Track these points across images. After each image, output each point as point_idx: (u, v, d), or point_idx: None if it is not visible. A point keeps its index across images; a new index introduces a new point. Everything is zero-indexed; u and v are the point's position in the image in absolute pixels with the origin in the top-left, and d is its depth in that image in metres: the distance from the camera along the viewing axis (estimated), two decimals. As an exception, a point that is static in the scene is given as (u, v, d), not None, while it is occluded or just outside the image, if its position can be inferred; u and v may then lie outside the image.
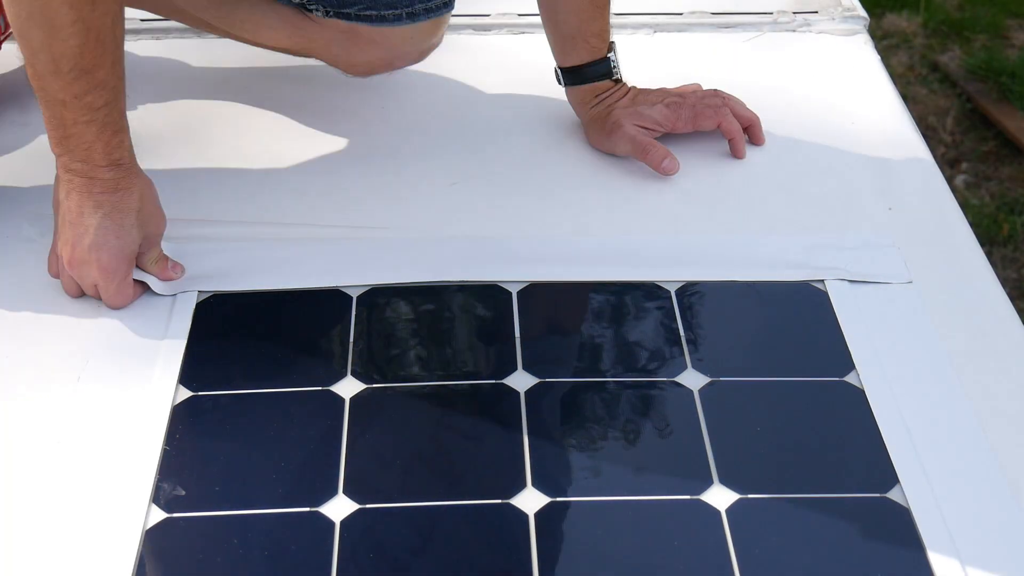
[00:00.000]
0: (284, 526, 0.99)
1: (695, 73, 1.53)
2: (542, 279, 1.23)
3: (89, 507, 1.00)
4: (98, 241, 1.17)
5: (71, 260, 1.18)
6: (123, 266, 1.18)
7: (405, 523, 0.99)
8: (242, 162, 1.38)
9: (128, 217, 1.18)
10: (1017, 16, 3.31)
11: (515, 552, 0.97)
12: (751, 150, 1.43)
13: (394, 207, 1.35)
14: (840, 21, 1.66)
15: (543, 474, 1.03)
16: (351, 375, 1.12)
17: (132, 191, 1.18)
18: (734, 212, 1.34)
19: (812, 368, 1.14)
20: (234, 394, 1.11)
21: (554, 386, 1.11)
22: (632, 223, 1.33)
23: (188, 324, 1.17)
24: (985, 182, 2.81)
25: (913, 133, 1.47)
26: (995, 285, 1.24)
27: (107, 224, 1.17)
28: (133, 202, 1.18)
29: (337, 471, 1.03)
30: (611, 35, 1.43)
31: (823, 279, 1.22)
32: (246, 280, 1.22)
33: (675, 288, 1.22)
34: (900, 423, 1.07)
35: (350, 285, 1.22)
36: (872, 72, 1.58)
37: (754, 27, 1.65)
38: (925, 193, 1.38)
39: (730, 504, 1.00)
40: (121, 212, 1.17)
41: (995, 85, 3.02)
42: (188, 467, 1.04)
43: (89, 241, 1.17)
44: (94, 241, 1.17)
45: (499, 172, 1.41)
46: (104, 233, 1.17)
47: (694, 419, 1.08)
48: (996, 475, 1.02)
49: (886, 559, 0.96)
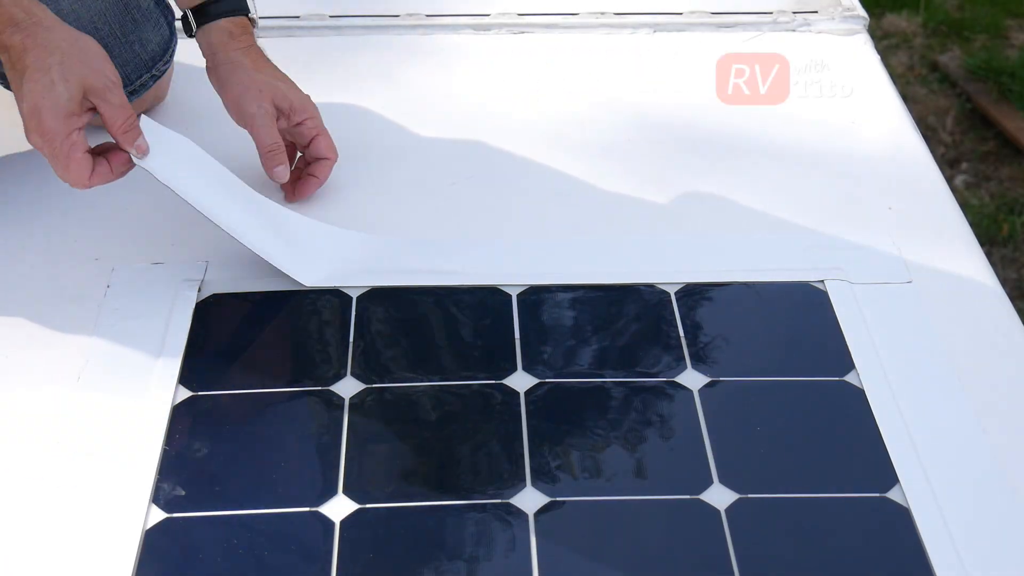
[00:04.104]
0: (284, 526, 0.99)
1: (695, 73, 1.53)
2: (542, 280, 1.23)
3: (89, 507, 1.00)
4: (30, 106, 1.13)
5: (27, 139, 1.14)
6: (59, 125, 1.13)
7: (405, 523, 0.99)
8: (241, 162, 1.38)
9: (47, 74, 1.13)
10: (1017, 16, 3.31)
11: (515, 552, 0.97)
12: (751, 151, 1.43)
13: (394, 207, 1.35)
14: (840, 21, 1.66)
15: (543, 474, 1.03)
16: (351, 375, 1.12)
17: (46, 47, 1.14)
18: (734, 212, 1.34)
19: (812, 368, 1.14)
20: (234, 394, 1.11)
21: (554, 386, 1.11)
22: (632, 223, 1.33)
23: (188, 324, 1.17)
24: (985, 182, 2.81)
25: (913, 133, 1.47)
26: (995, 285, 1.24)
27: (31, 87, 1.13)
28: (50, 58, 1.13)
29: (337, 471, 1.03)
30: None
31: (823, 279, 1.22)
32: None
33: (675, 288, 1.22)
34: (900, 423, 1.07)
35: (350, 286, 1.22)
36: (872, 72, 1.58)
37: (754, 27, 1.65)
38: (925, 193, 1.38)
39: (730, 504, 1.00)
40: (39, 71, 1.13)
41: (995, 85, 3.02)
42: (188, 467, 1.04)
43: (25, 109, 1.14)
44: (28, 108, 1.13)
45: (499, 172, 1.41)
46: (31, 96, 1.13)
47: (694, 419, 1.08)
48: (996, 475, 1.02)
49: (886, 559, 0.97)
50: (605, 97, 1.53)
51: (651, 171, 1.39)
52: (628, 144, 1.46)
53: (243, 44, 1.33)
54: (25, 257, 1.27)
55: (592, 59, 1.60)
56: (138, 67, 1.41)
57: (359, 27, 1.65)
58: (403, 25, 1.65)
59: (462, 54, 1.61)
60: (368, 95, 1.52)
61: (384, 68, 1.59)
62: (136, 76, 1.41)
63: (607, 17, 1.65)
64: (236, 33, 1.32)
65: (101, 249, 1.27)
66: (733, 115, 1.50)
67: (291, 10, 1.66)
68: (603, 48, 1.62)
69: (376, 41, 1.63)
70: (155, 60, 1.42)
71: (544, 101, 1.52)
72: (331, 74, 1.50)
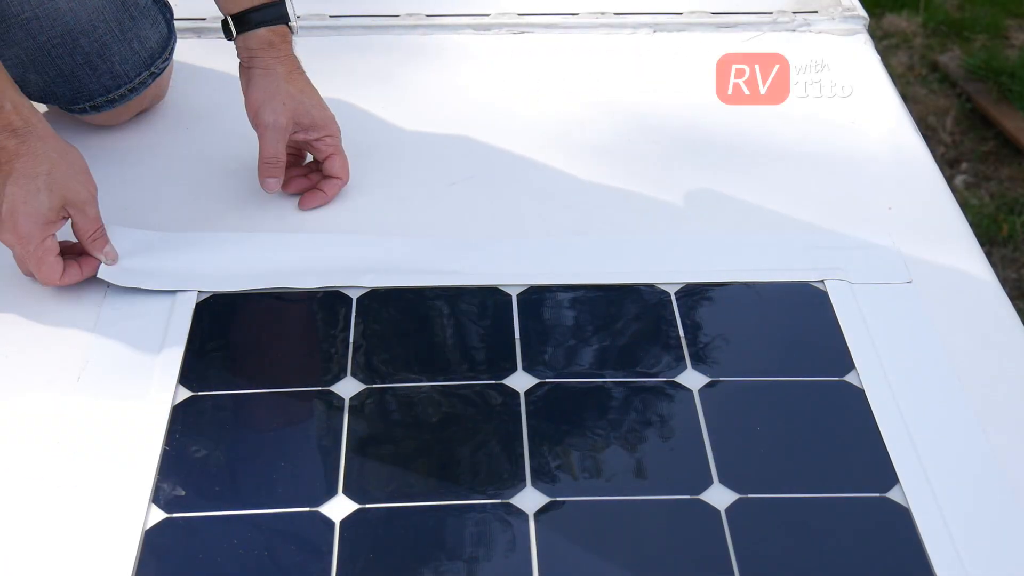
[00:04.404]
0: (284, 526, 0.99)
1: (695, 73, 1.53)
2: (542, 280, 1.23)
3: (89, 507, 1.00)
4: (9, 207, 1.16)
5: (0, 237, 1.18)
6: (36, 231, 1.17)
7: (405, 523, 0.99)
8: (240, 163, 1.38)
9: (34, 182, 1.17)
10: (1017, 16, 3.31)
11: (515, 552, 0.97)
12: (751, 151, 1.43)
13: (394, 207, 1.35)
14: (840, 21, 1.66)
15: (543, 474, 1.03)
16: (351, 375, 1.12)
17: (37, 156, 1.17)
18: (734, 212, 1.34)
19: (812, 368, 1.14)
20: (234, 394, 1.11)
21: (554, 386, 1.11)
22: (632, 223, 1.33)
23: (188, 324, 1.17)
24: (985, 182, 2.81)
25: (913, 133, 1.47)
26: (995, 285, 1.24)
27: (14, 191, 1.16)
28: (39, 167, 1.17)
29: (337, 471, 1.03)
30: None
31: (823, 279, 1.22)
32: (245, 280, 1.22)
33: (675, 288, 1.22)
34: (900, 423, 1.07)
35: (350, 286, 1.22)
36: (872, 72, 1.58)
37: (754, 27, 1.65)
38: (925, 193, 1.38)
39: (730, 504, 1.00)
40: (27, 177, 1.17)
41: (995, 85, 3.02)
42: (188, 467, 1.04)
43: (4, 210, 1.17)
44: (7, 209, 1.16)
45: (499, 172, 1.41)
46: (12, 200, 1.16)
47: (694, 419, 1.08)
48: (996, 475, 1.02)
49: (886, 559, 0.97)
50: (605, 97, 1.53)
51: (651, 171, 1.38)
52: (628, 144, 1.46)
53: (282, 53, 1.35)
54: (25, 257, 1.26)
55: (592, 59, 1.60)
56: (137, 64, 1.41)
57: (359, 27, 1.65)
58: (403, 25, 1.65)
59: (462, 54, 1.61)
60: (368, 95, 1.52)
61: (384, 68, 1.59)
62: (135, 73, 1.41)
63: (607, 17, 1.65)
64: (276, 42, 1.34)
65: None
66: (733, 115, 1.50)
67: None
68: (603, 48, 1.62)
69: (376, 41, 1.63)
70: (154, 57, 1.42)
71: (544, 101, 1.52)
72: (331, 74, 1.50)
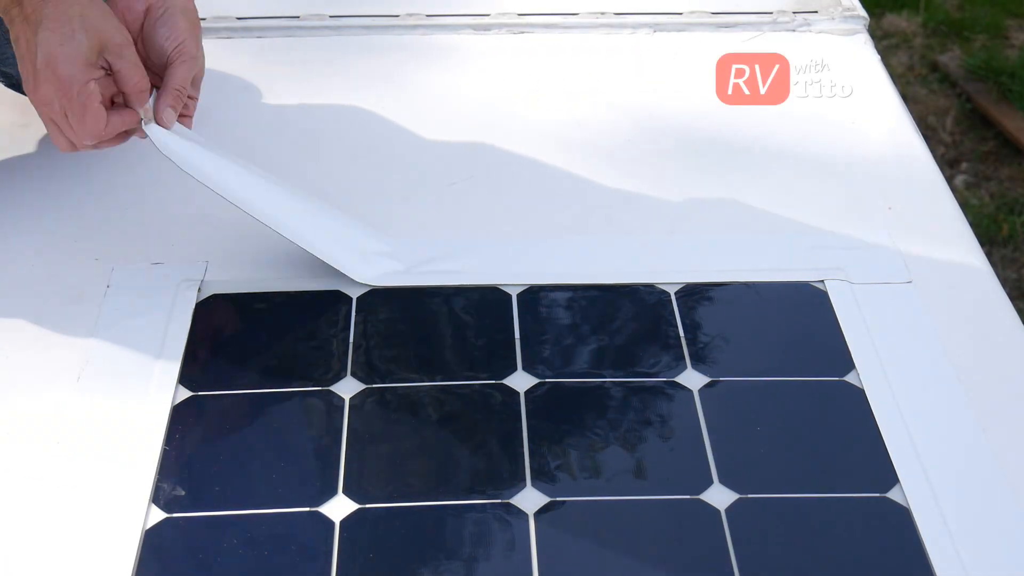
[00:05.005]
0: (284, 526, 0.99)
1: (695, 73, 1.53)
2: (542, 280, 1.23)
3: (89, 507, 1.00)
4: (45, 55, 1.09)
5: (34, 93, 1.11)
6: (78, 73, 1.10)
7: (405, 523, 0.99)
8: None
9: (68, 24, 1.10)
10: (1017, 16, 3.31)
11: (515, 552, 0.97)
12: (751, 151, 1.43)
13: (393, 207, 1.35)
14: (840, 21, 1.66)
15: (543, 474, 1.03)
16: (351, 375, 1.12)
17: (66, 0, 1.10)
18: (734, 212, 1.34)
19: (812, 368, 1.14)
20: (234, 394, 1.11)
21: (554, 386, 1.11)
22: (632, 223, 1.33)
23: (188, 324, 1.17)
24: (985, 182, 2.81)
25: (913, 133, 1.47)
26: (995, 285, 1.24)
27: (47, 36, 1.09)
28: (71, 9, 1.10)
29: (337, 471, 1.03)
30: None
31: (823, 279, 1.22)
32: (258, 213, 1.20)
33: (675, 288, 1.22)
34: (900, 423, 1.07)
35: (350, 286, 1.22)
36: (872, 72, 1.58)
37: (754, 27, 1.65)
38: (925, 193, 1.38)
39: (730, 504, 1.00)
40: (59, 21, 1.09)
41: (995, 85, 3.02)
42: (188, 467, 1.04)
43: (39, 60, 1.10)
44: (42, 58, 1.09)
45: (499, 172, 1.41)
46: (47, 45, 1.09)
47: (694, 419, 1.08)
48: (996, 475, 1.02)
49: (886, 559, 0.97)
50: (605, 97, 1.53)
51: (651, 171, 1.38)
52: (628, 144, 1.46)
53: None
54: (25, 257, 1.26)
55: (592, 59, 1.60)
56: None
57: (359, 27, 1.65)
58: (403, 25, 1.65)
59: (462, 54, 1.61)
60: (368, 95, 1.52)
61: (384, 68, 1.59)
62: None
63: (607, 17, 1.65)
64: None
65: (101, 249, 1.27)
66: (733, 115, 1.50)
67: (291, 10, 1.66)
68: (603, 48, 1.62)
69: (376, 41, 1.63)
70: None
71: (544, 101, 1.52)
72: (331, 74, 1.50)
